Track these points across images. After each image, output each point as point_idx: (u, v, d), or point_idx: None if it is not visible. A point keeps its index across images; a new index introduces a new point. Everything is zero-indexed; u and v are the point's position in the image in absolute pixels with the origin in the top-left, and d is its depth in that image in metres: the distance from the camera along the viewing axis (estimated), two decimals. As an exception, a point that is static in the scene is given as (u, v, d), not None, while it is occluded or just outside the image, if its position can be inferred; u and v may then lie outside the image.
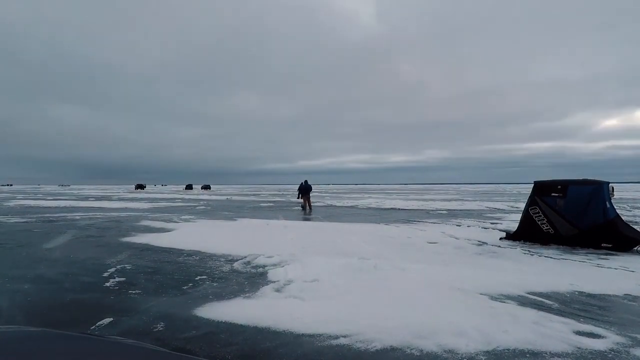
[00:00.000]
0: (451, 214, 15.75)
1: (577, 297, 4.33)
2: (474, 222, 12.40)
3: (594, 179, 7.80)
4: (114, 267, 5.63)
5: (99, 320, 3.46)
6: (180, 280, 4.92)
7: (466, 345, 2.94)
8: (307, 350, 2.90)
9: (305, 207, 18.40)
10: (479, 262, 6.21)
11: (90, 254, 6.70)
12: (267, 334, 3.20)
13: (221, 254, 6.64)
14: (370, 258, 6.02)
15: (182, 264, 5.92)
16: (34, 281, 4.87)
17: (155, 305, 3.93)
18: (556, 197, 7.82)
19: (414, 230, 10.37)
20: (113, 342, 1.15)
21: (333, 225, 11.66)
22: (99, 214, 15.31)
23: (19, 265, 5.86)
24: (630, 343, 3.05)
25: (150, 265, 5.81)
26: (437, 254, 6.85)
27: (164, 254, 6.72)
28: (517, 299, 4.17)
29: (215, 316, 3.59)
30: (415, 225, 11.71)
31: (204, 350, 2.90)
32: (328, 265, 5.53)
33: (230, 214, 15.72)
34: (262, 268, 5.59)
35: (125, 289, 4.51)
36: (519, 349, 2.90)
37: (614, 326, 3.41)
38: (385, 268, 5.39)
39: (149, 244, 7.72)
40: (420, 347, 2.92)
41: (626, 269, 5.78)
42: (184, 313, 3.69)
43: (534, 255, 6.91)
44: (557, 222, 7.75)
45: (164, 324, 3.39)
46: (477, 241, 8.33)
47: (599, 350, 2.90)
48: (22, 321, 3.52)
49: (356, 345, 2.97)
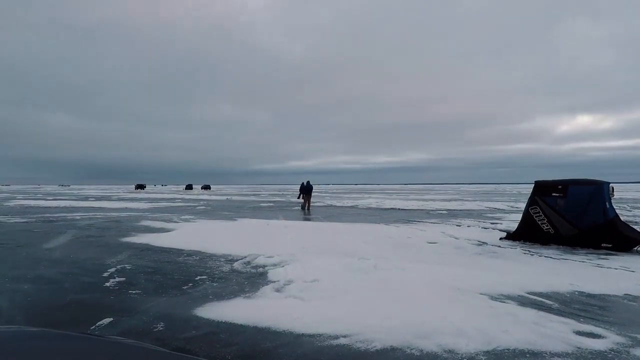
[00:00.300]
0: (451, 214, 15.75)
1: (577, 297, 4.33)
2: (474, 222, 12.40)
3: (594, 179, 7.80)
4: (114, 267, 5.63)
5: (99, 320, 3.46)
6: (180, 280, 4.92)
7: (466, 345, 2.94)
8: (307, 350, 2.91)
9: (305, 207, 18.50)
10: (479, 262, 6.21)
11: (90, 254, 6.70)
12: (267, 334, 3.20)
13: (221, 254, 6.64)
14: (370, 258, 6.02)
15: (182, 264, 5.92)
16: (34, 281, 4.87)
17: (155, 305, 3.93)
18: (557, 197, 7.82)
19: (414, 230, 10.37)
20: (113, 342, 1.15)
21: (333, 225, 11.66)
22: (99, 214, 15.31)
23: (19, 265, 5.86)
24: (630, 343, 3.05)
25: (150, 265, 5.81)
26: (437, 254, 6.85)
27: (164, 254, 6.72)
28: (517, 299, 4.17)
29: (215, 316, 3.59)
30: (415, 225, 11.71)
31: (204, 350, 2.90)
32: (328, 265, 5.53)
33: (230, 214, 15.72)
34: (262, 268, 5.59)
35: (125, 289, 4.51)
36: (519, 349, 2.90)
37: (614, 326, 3.41)
38: (385, 268, 5.39)
39: (149, 244, 7.72)
40: (420, 347, 2.92)
41: (626, 269, 5.78)
42: (184, 313, 3.69)
43: (534, 255, 6.91)
44: (557, 222, 7.75)
45: (164, 324, 3.40)
46: (477, 241, 8.33)
47: (599, 350, 2.90)
48: (22, 321, 3.52)
49: (356, 345, 2.97)
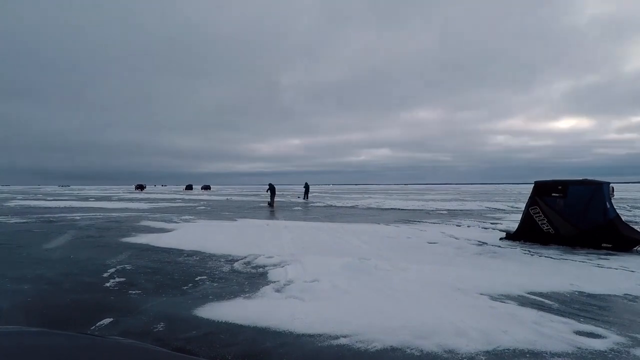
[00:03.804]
0: (451, 214, 15.74)
1: (577, 297, 4.33)
2: (474, 222, 12.39)
3: (593, 179, 7.81)
4: (114, 268, 5.63)
5: (99, 321, 3.46)
6: (181, 281, 4.92)
7: (466, 345, 2.94)
8: (307, 350, 2.91)
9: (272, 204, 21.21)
10: (479, 262, 6.21)
11: (91, 254, 6.70)
12: (267, 334, 3.20)
13: (221, 254, 6.64)
14: (370, 258, 6.02)
15: (182, 264, 5.92)
16: (35, 281, 4.87)
17: (155, 305, 3.93)
18: (556, 197, 7.83)
19: (414, 230, 10.37)
20: (113, 342, 1.15)
21: (333, 225, 11.66)
22: (99, 215, 15.32)
23: (19, 265, 5.86)
24: (630, 343, 3.05)
25: (150, 266, 5.82)
26: (437, 254, 6.85)
27: (164, 254, 6.72)
28: (517, 299, 4.17)
29: (215, 316, 3.60)
30: (415, 225, 11.71)
31: (204, 350, 2.90)
32: (328, 265, 5.53)
33: (230, 214, 15.73)
34: (262, 268, 5.59)
35: (125, 289, 4.51)
36: (519, 349, 2.90)
37: (614, 326, 3.41)
38: (385, 268, 5.39)
39: (149, 244, 7.72)
40: (420, 347, 2.92)
41: (626, 269, 5.78)
42: (184, 313, 3.69)
43: (534, 255, 6.91)
44: (557, 222, 7.76)
45: (164, 324, 3.40)
46: (477, 241, 8.33)
47: (599, 350, 2.90)
48: (22, 321, 3.52)
49: (356, 345, 2.97)
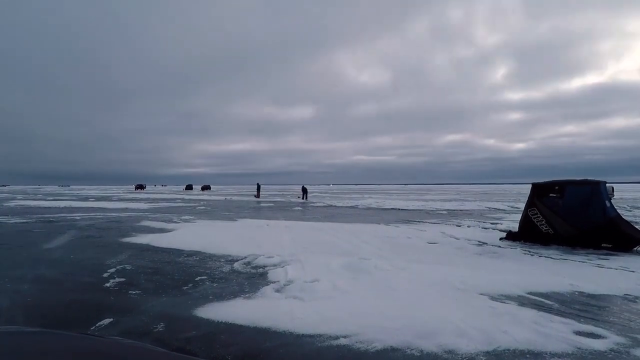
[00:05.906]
0: (451, 214, 15.75)
1: (577, 297, 4.33)
2: (474, 223, 12.40)
3: (592, 179, 7.80)
4: (114, 268, 5.63)
5: (99, 321, 3.46)
6: (181, 281, 4.92)
7: (466, 345, 2.94)
8: (307, 350, 2.91)
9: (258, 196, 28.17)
10: (479, 263, 6.21)
11: (91, 255, 6.70)
12: (267, 334, 3.20)
13: (221, 254, 6.64)
14: (371, 258, 6.02)
15: (182, 264, 5.92)
16: (35, 281, 4.87)
17: (155, 305, 3.93)
18: (554, 198, 7.82)
19: (414, 230, 10.37)
20: (113, 342, 1.15)
21: (333, 225, 11.66)
22: (99, 215, 15.32)
23: (19, 265, 5.86)
24: (630, 343, 3.05)
25: (150, 266, 5.82)
26: (437, 254, 6.85)
27: (164, 254, 6.73)
28: (517, 299, 4.17)
29: (215, 316, 3.60)
30: (416, 225, 11.71)
31: (204, 350, 2.90)
32: (328, 265, 5.54)
33: (230, 214, 15.73)
34: (262, 268, 5.59)
35: (125, 289, 4.51)
36: (519, 349, 2.90)
37: (614, 326, 3.42)
38: (385, 268, 5.39)
39: (149, 245, 7.72)
40: (420, 348, 2.92)
41: (626, 269, 5.78)
42: (184, 313, 3.69)
43: (534, 255, 6.91)
44: (556, 223, 7.76)
45: (164, 324, 3.40)
46: (477, 241, 8.33)
47: (599, 350, 2.90)
48: (22, 321, 3.52)
49: (356, 345, 2.97)
